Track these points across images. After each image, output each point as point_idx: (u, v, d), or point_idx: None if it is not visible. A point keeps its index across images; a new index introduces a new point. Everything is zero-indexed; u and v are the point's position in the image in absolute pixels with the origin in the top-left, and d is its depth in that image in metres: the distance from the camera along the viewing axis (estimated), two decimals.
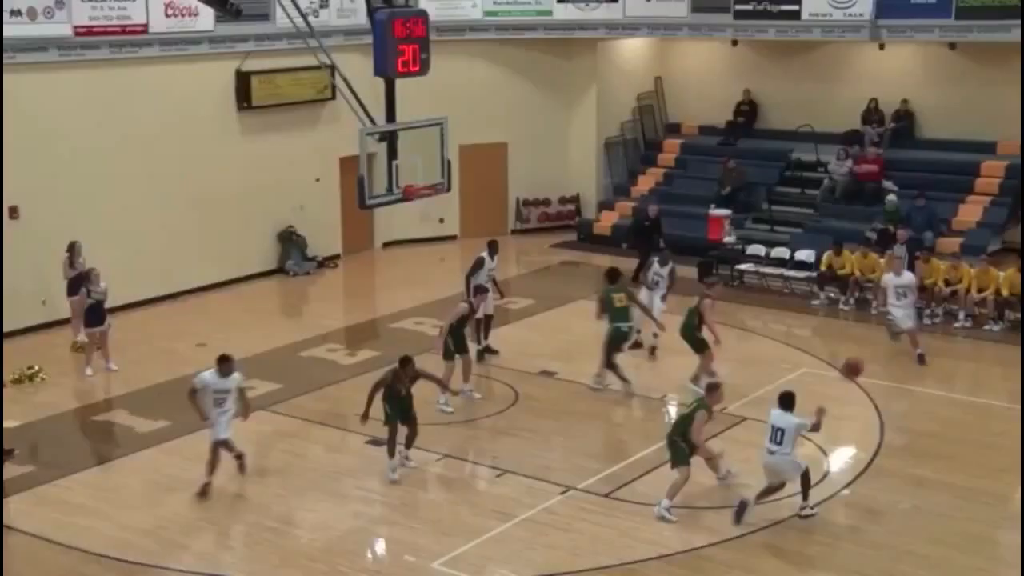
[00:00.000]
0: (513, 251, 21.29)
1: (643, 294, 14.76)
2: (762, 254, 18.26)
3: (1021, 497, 9.69)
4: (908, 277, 14.30)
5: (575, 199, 22.10)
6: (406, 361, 11.21)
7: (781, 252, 18.26)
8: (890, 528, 9.62)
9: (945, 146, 19.56)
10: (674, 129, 22.64)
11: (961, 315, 15.79)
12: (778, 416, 9.52)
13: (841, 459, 11.27)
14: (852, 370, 10.97)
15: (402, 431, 11.03)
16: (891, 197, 18.38)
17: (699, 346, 13.07)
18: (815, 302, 16.94)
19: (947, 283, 15.72)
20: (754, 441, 11.46)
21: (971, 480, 10.62)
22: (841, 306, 16.52)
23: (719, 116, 21.83)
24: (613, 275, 13.45)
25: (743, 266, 18.25)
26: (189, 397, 10.63)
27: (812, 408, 12.22)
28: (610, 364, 12.91)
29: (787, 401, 9.58)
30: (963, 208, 18.48)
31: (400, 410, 11.05)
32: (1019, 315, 15.35)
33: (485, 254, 14.67)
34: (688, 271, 18.34)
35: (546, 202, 21.99)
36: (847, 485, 10.50)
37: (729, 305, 16.92)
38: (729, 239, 18.87)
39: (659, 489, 10.34)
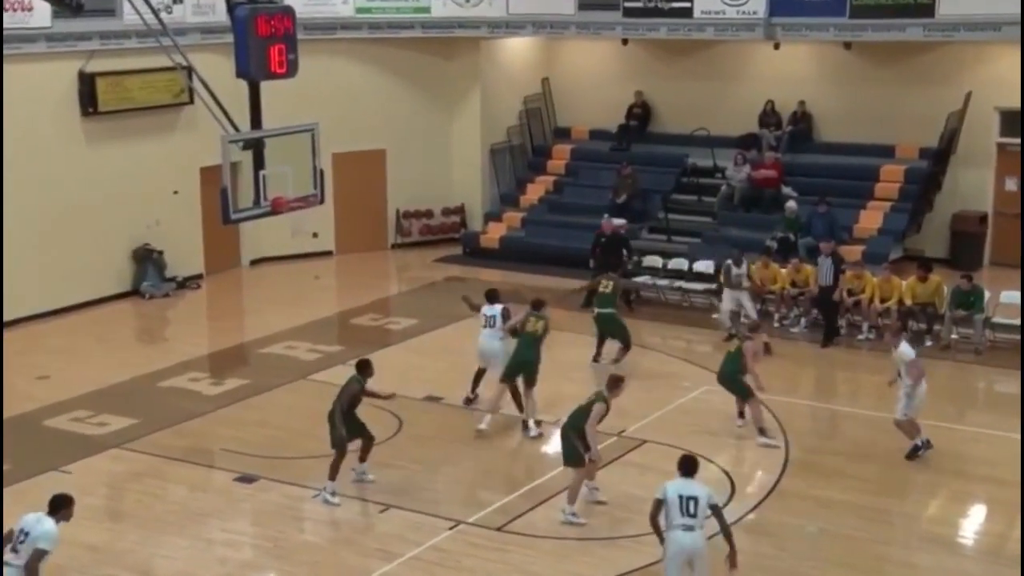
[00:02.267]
0: (394, 267, 21.17)
1: (726, 297, 15.69)
2: (659, 266, 18.56)
3: (1021, 507, 10.01)
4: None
5: (460, 210, 22.11)
6: (366, 364, 11.29)
7: (679, 263, 18.60)
8: (797, 553, 9.83)
9: (844, 150, 20.24)
10: (564, 134, 22.86)
11: (864, 327, 16.31)
12: (683, 485, 8.50)
13: (745, 482, 11.47)
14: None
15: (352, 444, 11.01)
16: (791, 204, 18.91)
17: (744, 392, 12.63)
18: (716, 316, 17.30)
19: (850, 293, 16.23)
20: (654, 465, 11.62)
21: (880, 500, 10.94)
22: (743, 319, 16.89)
23: (611, 119, 22.13)
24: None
25: (639, 279, 18.50)
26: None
27: (722, 426, 12.47)
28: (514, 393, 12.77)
29: (690, 466, 8.67)
30: (864, 215, 19.14)
31: (358, 425, 11.12)
32: (922, 325, 15.94)
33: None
34: (580, 284, 18.57)
35: (428, 214, 21.94)
36: (752, 509, 10.68)
37: (624, 320, 17.13)
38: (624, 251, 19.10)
39: (553, 520, 10.35)
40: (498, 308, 13.29)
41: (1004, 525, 10.40)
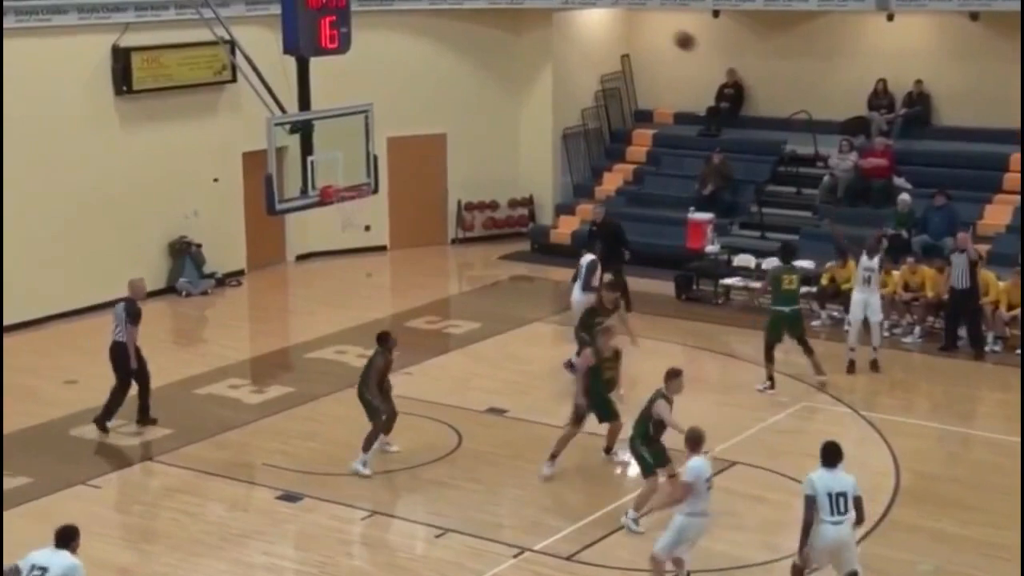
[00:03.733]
0: (454, 264, 21.31)
1: (856, 294, 15.07)
2: (752, 266, 18.43)
3: (1021, 511, 9.87)
4: None
5: (528, 202, 22.17)
6: (386, 336, 12.33)
7: (774, 263, 18.43)
8: None
9: (966, 135, 19.94)
10: (645, 117, 22.82)
11: (990, 337, 16.04)
12: (831, 478, 9.07)
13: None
14: (684, 42, 10.35)
15: None
16: (904, 196, 18.68)
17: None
18: (815, 323, 17.07)
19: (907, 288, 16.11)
20: (744, 491, 11.56)
21: (1003, 535, 10.76)
22: (846, 327, 16.71)
23: (699, 101, 22.02)
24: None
25: (729, 280, 18.41)
26: None
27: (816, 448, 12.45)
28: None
29: (835, 455, 9.20)
30: (989, 209, 18.84)
31: (387, 399, 12.21)
32: None
33: None
34: (665, 286, 18.57)
35: (493, 205, 22.04)
36: (858, 543, 10.58)
37: (712, 327, 17.09)
38: (712, 248, 19.03)
39: (634, 550, 10.35)
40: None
41: None
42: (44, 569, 8.07)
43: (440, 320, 17.63)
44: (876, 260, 15.05)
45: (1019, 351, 15.69)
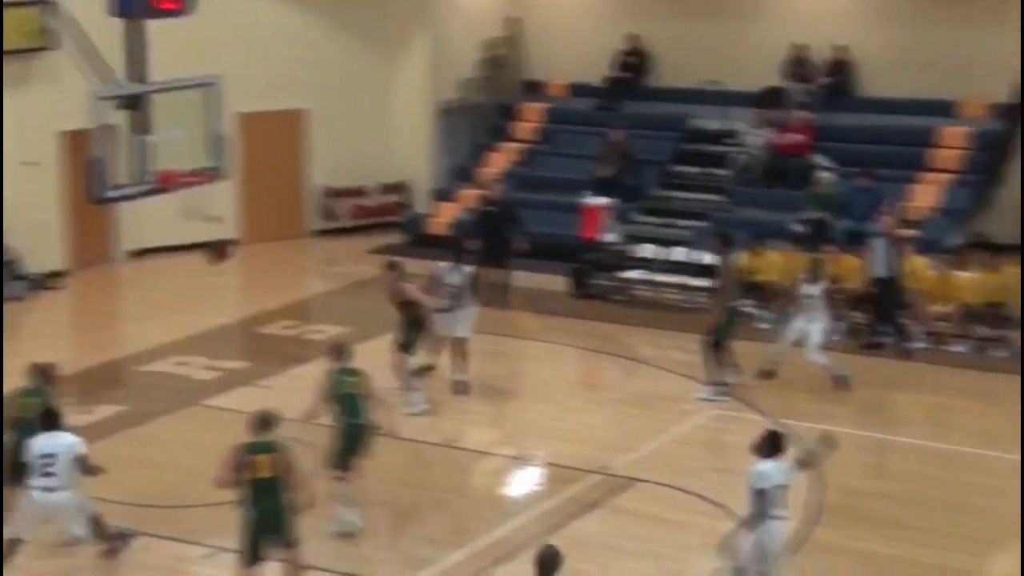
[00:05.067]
0: (317, 259, 21.12)
1: (797, 322, 14.90)
2: (656, 256, 18.60)
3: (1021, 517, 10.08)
4: None
5: (401, 187, 22.09)
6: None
7: (681, 253, 18.67)
8: None
9: (893, 107, 20.35)
10: (536, 89, 22.86)
11: (918, 330, 16.42)
12: (779, 470, 9.44)
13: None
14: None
15: None
16: (825, 176, 19.02)
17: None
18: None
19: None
20: (650, 512, 11.65)
21: (939, 555, 10.99)
22: (761, 324, 16.98)
23: (596, 71, 22.15)
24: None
25: (630, 273, 18.52)
26: None
27: (737, 461, 12.58)
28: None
29: (780, 445, 9.55)
30: (917, 190, 19.28)
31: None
32: (993, 330, 16.09)
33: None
34: (557, 281, 18.65)
35: (361, 192, 21.92)
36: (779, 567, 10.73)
37: (612, 327, 17.20)
38: (611, 237, 19.15)
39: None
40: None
41: None
42: (50, 455, 10.16)
43: (300, 324, 17.45)
44: (818, 287, 14.97)
45: (959, 348, 16.11)
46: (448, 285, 14.58)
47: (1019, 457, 12.69)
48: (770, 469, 9.32)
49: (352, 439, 11.37)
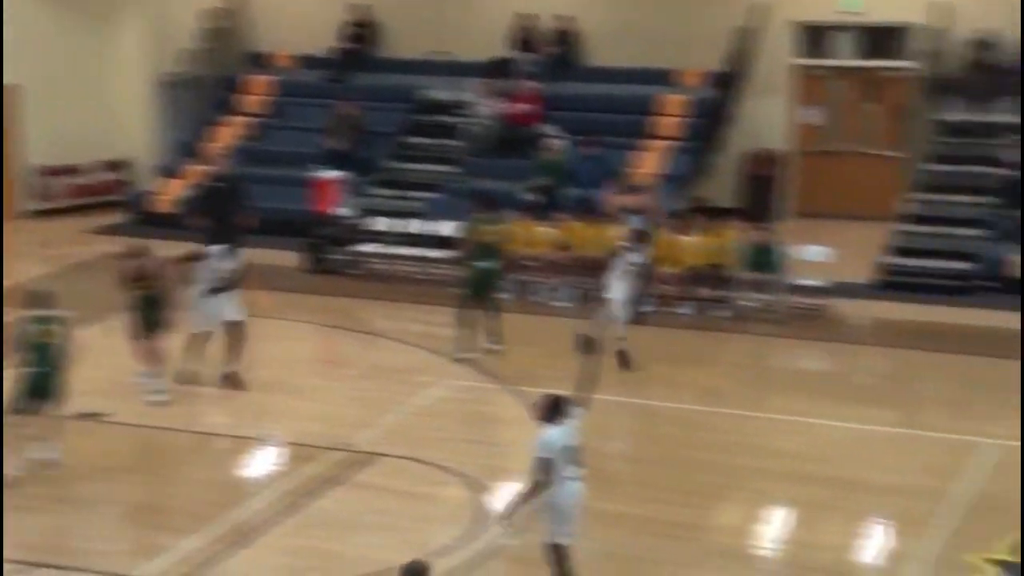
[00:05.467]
0: (30, 242, 20.25)
1: (615, 292, 14.54)
2: (391, 229, 18.68)
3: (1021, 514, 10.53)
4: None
5: (122, 164, 21.48)
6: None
7: (416, 225, 18.74)
8: None
9: (615, 76, 20.95)
10: (262, 61, 22.54)
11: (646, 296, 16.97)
12: (564, 433, 9.36)
13: (504, 499, 11.67)
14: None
15: None
16: (554, 144, 19.39)
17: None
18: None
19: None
20: (392, 487, 11.66)
21: (676, 512, 11.38)
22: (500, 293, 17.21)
23: (323, 42, 21.98)
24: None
25: (365, 247, 18.53)
26: None
27: (476, 430, 12.64)
28: None
29: (562, 409, 9.48)
30: (640, 157, 19.89)
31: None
32: (714, 291, 16.77)
33: None
34: (291, 257, 18.46)
35: (78, 170, 21.23)
36: (516, 533, 10.90)
37: (348, 302, 17.15)
38: (345, 211, 19.07)
39: (259, 567, 10.23)
40: None
41: (809, 530, 11.07)
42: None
43: (14, 311, 16.67)
44: (641, 256, 14.93)
45: (682, 311, 16.72)
46: (218, 269, 14.02)
47: (742, 412, 13.33)
48: (554, 435, 9.25)
49: (38, 385, 11.46)
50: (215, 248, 14.09)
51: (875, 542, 10.82)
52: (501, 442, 13.00)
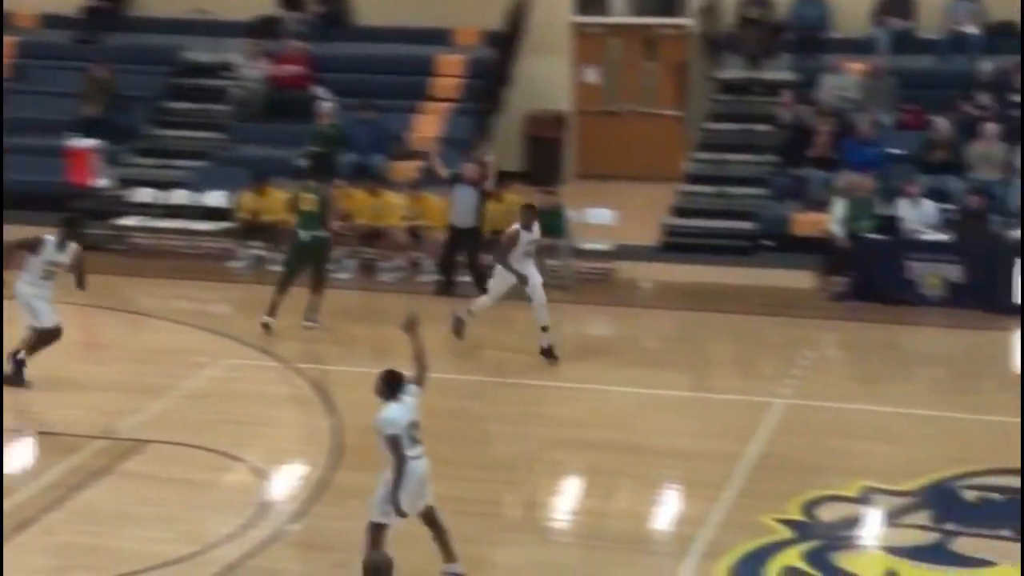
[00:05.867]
0: None
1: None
2: (154, 201, 18.25)
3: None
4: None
5: None
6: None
7: (182, 196, 18.27)
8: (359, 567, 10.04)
9: (389, 36, 20.78)
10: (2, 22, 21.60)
11: (429, 263, 16.99)
12: (405, 409, 9.27)
13: (287, 483, 11.54)
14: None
15: None
16: (325, 107, 19.12)
17: None
18: (236, 264, 17.20)
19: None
20: (163, 474, 11.35)
21: (455, 486, 11.35)
22: (274, 266, 16.96)
23: (70, 1, 21.29)
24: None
25: (127, 220, 18.05)
26: None
27: (253, 411, 12.41)
28: None
29: (400, 383, 9.38)
30: (419, 120, 19.79)
31: None
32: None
33: None
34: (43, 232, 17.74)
35: None
36: (298, 518, 10.77)
37: (111, 279, 16.59)
38: (103, 182, 18.51)
39: (17, 569, 9.82)
40: None
41: (604, 499, 11.24)
42: None
43: None
44: (533, 234, 14.00)
45: (467, 279, 16.75)
46: (50, 262, 13.11)
47: (531, 381, 13.47)
48: (395, 411, 9.18)
49: None
50: (49, 239, 13.21)
51: (669, 508, 11.07)
52: (282, 423, 12.80)
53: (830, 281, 16.62)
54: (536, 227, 14.08)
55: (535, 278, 14.01)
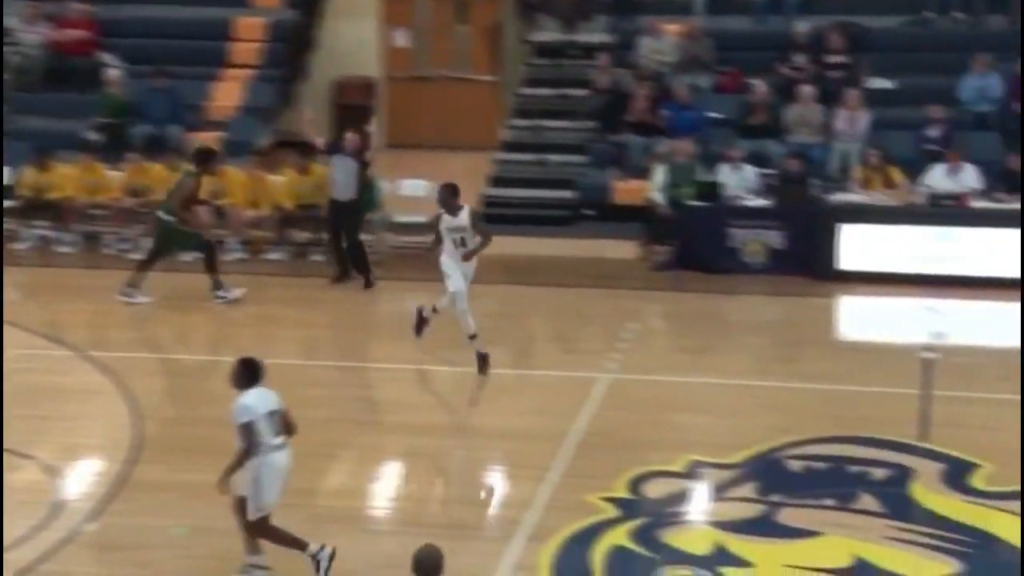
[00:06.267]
0: None
1: (448, 260, 13.06)
2: None
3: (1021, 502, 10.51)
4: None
5: None
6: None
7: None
8: (164, 566, 9.85)
9: None
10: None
11: (231, 242, 16.71)
12: (265, 396, 9.20)
13: (81, 480, 11.26)
14: None
15: None
16: (114, 76, 18.67)
17: None
18: (19, 245, 16.77)
19: (204, 203, 16.53)
20: None
21: None
22: (61, 247, 16.57)
23: None
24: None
25: None
26: None
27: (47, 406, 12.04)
28: None
29: (259, 370, 9.31)
30: (217, 88, 19.45)
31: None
32: (309, 234, 16.70)
33: None
34: None
35: None
36: (94, 518, 10.51)
37: None
38: None
39: None
40: None
41: (425, 484, 11.21)
42: None
43: None
44: (465, 215, 13.07)
45: (274, 257, 16.58)
46: None
47: (346, 363, 13.35)
48: (253, 399, 9.08)
49: None
50: None
51: (494, 491, 11.12)
52: (75, 416, 12.43)
53: (652, 251, 16.88)
54: (457, 211, 13.01)
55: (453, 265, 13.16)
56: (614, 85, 18.65)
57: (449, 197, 13.04)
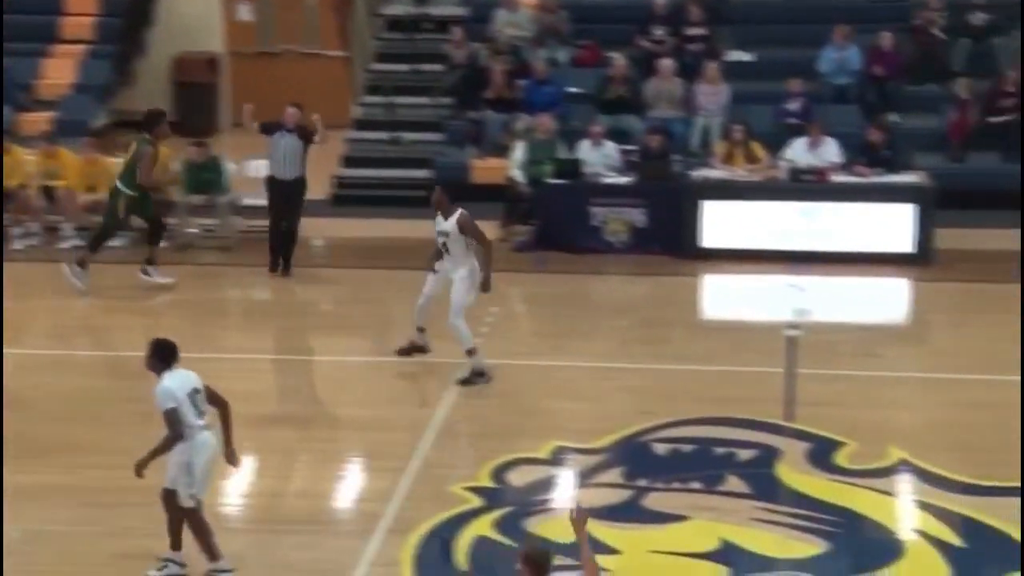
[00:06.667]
0: None
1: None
2: None
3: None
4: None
5: None
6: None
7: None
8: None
9: None
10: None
11: (68, 228, 16.52)
12: (184, 377, 9.17)
13: None
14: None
15: None
16: None
17: None
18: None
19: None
20: None
21: (118, 477, 10.98)
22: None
23: None
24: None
25: None
26: None
27: None
28: None
29: (174, 350, 9.25)
30: (49, 65, 19.14)
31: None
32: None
33: None
34: None
35: None
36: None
37: None
38: None
39: None
40: None
41: (276, 480, 11.13)
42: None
43: None
44: (452, 221, 12.63)
45: (114, 244, 16.34)
46: None
47: (189, 353, 13.19)
48: (173, 382, 9.03)
49: None
50: None
51: (353, 483, 11.16)
52: None
53: (513, 231, 16.98)
54: (449, 213, 12.57)
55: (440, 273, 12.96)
56: (470, 60, 18.72)
57: (440, 198, 12.79)
